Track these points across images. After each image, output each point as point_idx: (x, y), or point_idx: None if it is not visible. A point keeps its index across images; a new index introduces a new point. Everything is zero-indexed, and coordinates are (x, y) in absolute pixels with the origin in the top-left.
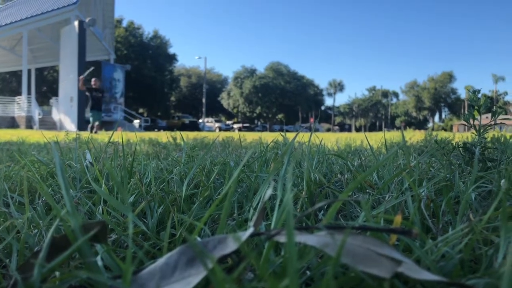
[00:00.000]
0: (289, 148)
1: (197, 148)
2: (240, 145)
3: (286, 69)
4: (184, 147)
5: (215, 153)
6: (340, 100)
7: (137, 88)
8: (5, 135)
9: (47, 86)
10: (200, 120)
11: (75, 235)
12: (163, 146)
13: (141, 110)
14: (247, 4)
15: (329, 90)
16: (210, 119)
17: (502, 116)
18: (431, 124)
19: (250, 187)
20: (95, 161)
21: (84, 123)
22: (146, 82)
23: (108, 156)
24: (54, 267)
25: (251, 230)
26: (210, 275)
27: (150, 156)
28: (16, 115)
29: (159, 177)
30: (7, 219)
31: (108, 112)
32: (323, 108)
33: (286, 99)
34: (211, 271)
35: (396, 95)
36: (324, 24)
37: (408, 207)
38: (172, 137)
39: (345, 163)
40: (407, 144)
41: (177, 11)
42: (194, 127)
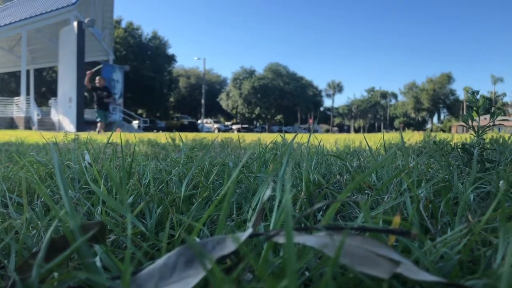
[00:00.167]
0: (288, 149)
1: (196, 149)
2: (239, 146)
3: (285, 70)
4: (183, 148)
5: (214, 154)
6: (339, 101)
7: (136, 88)
8: (3, 135)
9: (46, 87)
10: (199, 121)
11: (74, 236)
12: (162, 147)
13: (140, 111)
14: (246, 5)
15: (328, 91)
16: (209, 120)
17: (500, 117)
18: (429, 125)
19: (249, 188)
20: (94, 161)
21: (82, 124)
22: (145, 83)
23: (107, 156)
24: (52, 267)
25: (250, 231)
26: (209, 275)
27: (149, 157)
28: (15, 116)
29: (158, 177)
30: (5, 219)
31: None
32: (322, 109)
33: (285, 100)
34: (210, 271)
35: (395, 96)
36: (324, 25)
37: (407, 208)
38: (171, 138)
39: (344, 164)
40: (406, 145)
41: (176, 11)
42: (193, 128)
